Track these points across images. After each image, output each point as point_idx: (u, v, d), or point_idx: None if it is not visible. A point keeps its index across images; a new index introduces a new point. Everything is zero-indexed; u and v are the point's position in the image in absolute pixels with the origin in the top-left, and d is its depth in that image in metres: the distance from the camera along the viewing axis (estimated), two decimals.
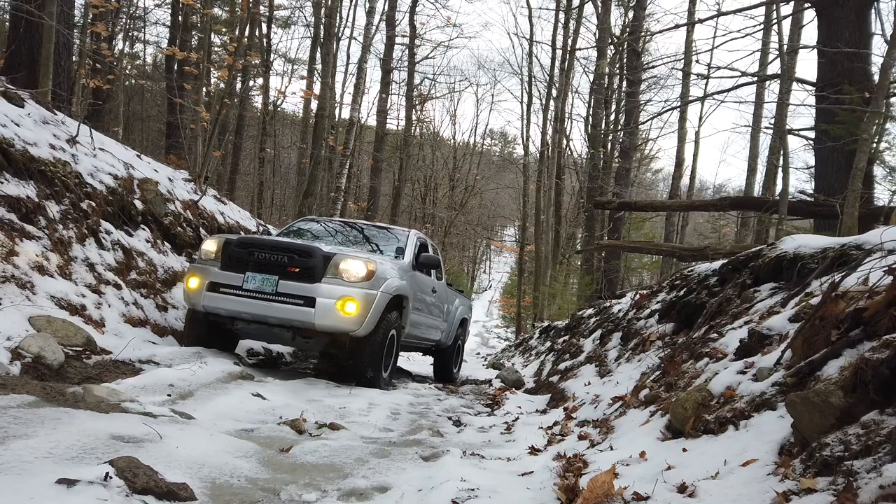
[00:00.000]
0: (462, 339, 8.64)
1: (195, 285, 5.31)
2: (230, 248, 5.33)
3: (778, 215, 8.14)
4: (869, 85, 7.70)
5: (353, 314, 5.05)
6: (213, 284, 5.24)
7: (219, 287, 5.22)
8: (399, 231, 7.35)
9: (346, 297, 5.04)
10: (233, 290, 5.16)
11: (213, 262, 5.37)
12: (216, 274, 5.27)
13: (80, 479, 1.90)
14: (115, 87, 15.88)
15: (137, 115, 22.78)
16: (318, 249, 5.24)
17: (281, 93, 21.15)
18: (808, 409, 1.88)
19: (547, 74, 21.97)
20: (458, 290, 8.83)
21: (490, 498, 2.31)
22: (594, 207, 17.19)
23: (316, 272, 5.10)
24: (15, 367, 3.62)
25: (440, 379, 8.08)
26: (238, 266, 5.22)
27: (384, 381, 5.65)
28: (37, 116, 6.15)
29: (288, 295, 5.06)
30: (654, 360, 4.24)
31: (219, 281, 5.23)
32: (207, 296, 5.23)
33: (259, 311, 5.11)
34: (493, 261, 53.56)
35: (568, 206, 26.29)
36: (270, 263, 5.16)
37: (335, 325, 5.09)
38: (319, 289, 5.07)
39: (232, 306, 5.18)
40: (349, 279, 5.14)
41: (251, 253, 5.23)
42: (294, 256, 5.16)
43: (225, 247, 5.35)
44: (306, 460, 2.79)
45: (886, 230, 3.08)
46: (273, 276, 5.10)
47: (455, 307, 8.20)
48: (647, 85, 20.01)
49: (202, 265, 5.44)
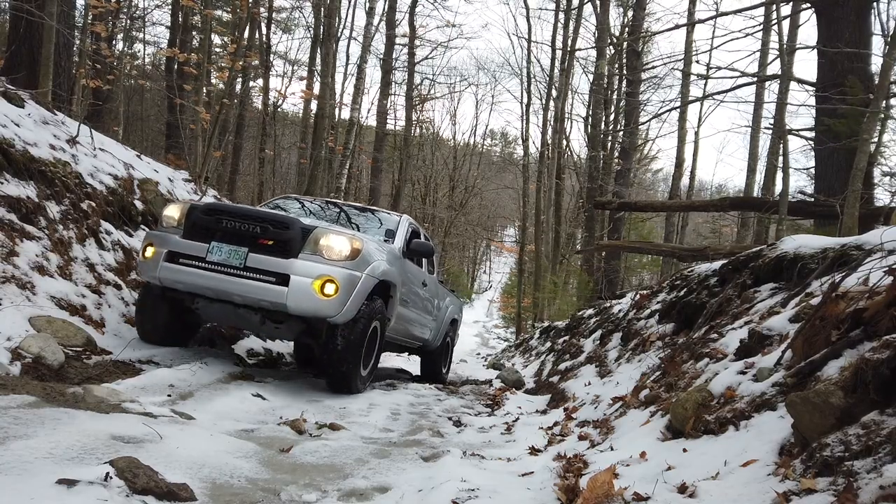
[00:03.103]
0: (452, 338, 8.17)
1: (151, 254, 4.66)
2: (195, 214, 4.66)
3: (778, 215, 8.15)
4: (869, 85, 7.71)
5: (331, 297, 4.40)
6: (171, 254, 4.59)
7: (178, 257, 4.57)
8: (389, 215, 6.66)
9: (325, 277, 4.40)
10: (194, 262, 4.51)
11: (175, 229, 4.73)
12: (176, 243, 4.62)
13: (81, 480, 1.90)
14: (115, 88, 15.87)
15: (137, 115, 22.78)
16: (297, 221, 4.63)
17: (281, 94, 21.15)
18: (809, 410, 1.88)
19: (546, 75, 21.98)
20: (450, 290, 8.38)
21: (490, 498, 2.31)
22: (594, 208, 17.19)
23: (292, 246, 4.46)
24: (15, 368, 3.62)
25: (427, 379, 7.58)
26: (203, 235, 4.57)
27: (361, 379, 4.97)
28: (37, 116, 6.15)
29: (258, 270, 4.42)
30: (655, 361, 4.24)
31: (179, 250, 4.58)
32: (164, 267, 4.56)
33: (223, 286, 4.44)
34: (493, 261, 53.57)
35: (568, 206, 26.29)
36: (240, 234, 4.53)
37: (310, 308, 4.43)
38: (295, 265, 4.41)
39: (192, 279, 4.51)
40: (330, 257, 4.50)
41: (219, 221, 4.57)
42: (268, 227, 4.51)
43: (189, 213, 4.68)
44: (306, 460, 2.79)
45: (886, 230, 3.09)
46: (242, 247, 4.45)
47: (446, 305, 7.69)
48: (646, 85, 20.03)
49: (162, 232, 4.80)
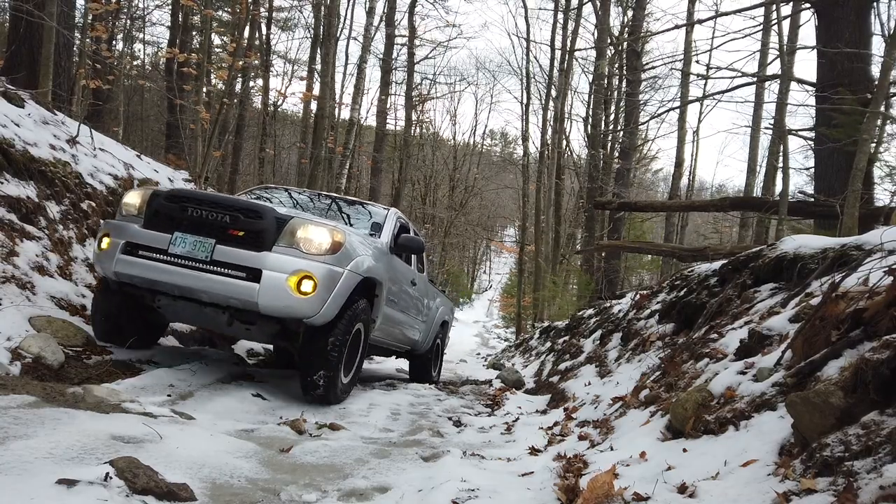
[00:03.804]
0: (442, 341, 7.85)
1: (107, 245, 4.22)
2: (157, 201, 4.21)
3: (778, 216, 8.15)
4: (869, 85, 7.71)
5: (309, 295, 3.98)
6: (129, 246, 4.14)
7: (137, 249, 4.13)
8: (376, 207, 6.19)
9: (302, 273, 3.98)
10: (155, 255, 4.07)
11: (135, 218, 4.27)
12: (135, 233, 4.17)
13: (81, 480, 1.90)
14: (115, 88, 15.88)
15: (137, 115, 22.79)
16: (271, 210, 4.18)
17: (281, 94, 21.16)
18: (809, 410, 1.88)
19: (546, 75, 21.99)
20: (440, 290, 7.95)
21: (490, 498, 2.31)
22: (594, 208, 17.19)
23: (265, 238, 4.03)
24: (15, 368, 3.62)
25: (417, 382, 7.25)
26: (166, 225, 4.13)
27: (341, 388, 4.48)
28: (37, 117, 6.15)
29: (226, 264, 3.99)
30: (655, 361, 4.24)
31: (138, 241, 4.14)
32: (122, 260, 4.11)
33: (186, 282, 4.00)
34: (493, 261, 53.58)
35: (568, 206, 26.30)
36: (207, 223, 4.08)
37: (285, 307, 4.00)
38: (268, 259, 3.97)
39: (152, 275, 4.06)
40: (308, 250, 4.07)
41: (184, 209, 4.12)
42: (238, 216, 4.07)
43: (151, 200, 4.25)
44: (306, 461, 2.79)
45: (886, 230, 3.09)
46: (209, 238, 4.02)
47: (437, 306, 7.29)
48: (646, 85, 20.03)
49: (120, 221, 4.33)
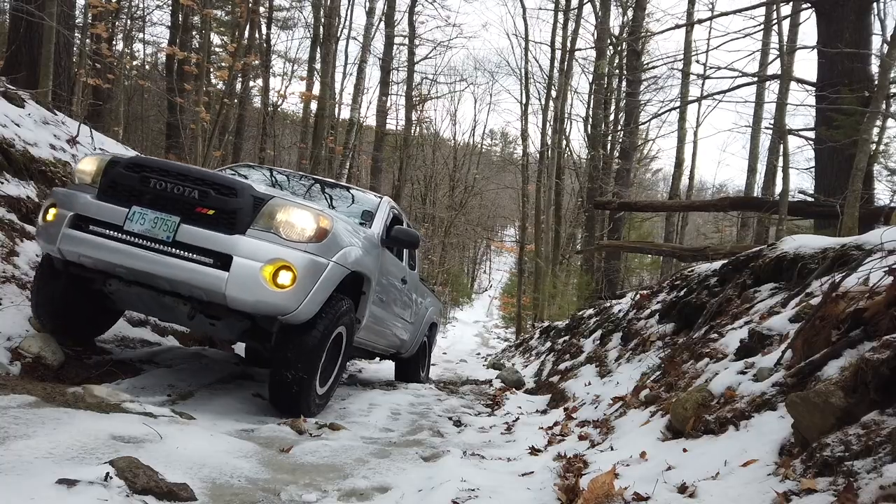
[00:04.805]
0: (430, 342, 7.49)
1: (52, 217, 3.62)
2: (116, 170, 3.63)
3: (778, 215, 8.15)
4: (869, 85, 7.71)
5: (286, 288, 3.45)
6: (78, 219, 3.55)
7: (87, 224, 3.54)
8: (368, 194, 5.64)
9: (280, 262, 3.45)
10: (107, 231, 3.50)
11: (89, 187, 3.68)
12: (86, 204, 3.57)
13: (81, 480, 1.90)
14: (115, 88, 15.88)
15: (137, 115, 22.79)
16: (248, 187, 3.64)
17: (281, 94, 21.16)
18: (809, 410, 1.88)
19: (546, 75, 22.01)
20: (430, 289, 7.50)
21: (490, 498, 2.31)
22: (594, 208, 17.20)
23: (239, 218, 3.49)
24: (15, 368, 3.62)
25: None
26: (123, 197, 3.55)
27: (316, 399, 3.94)
28: (37, 116, 6.15)
29: (191, 247, 3.43)
30: (655, 361, 4.24)
31: (88, 215, 3.55)
32: (68, 235, 3.53)
33: (143, 265, 3.43)
34: (493, 261, 53.58)
35: (568, 206, 26.31)
36: (172, 198, 3.52)
37: (257, 301, 3.45)
38: (240, 244, 3.42)
39: (102, 254, 3.49)
40: (289, 236, 3.54)
41: (145, 180, 3.55)
42: (209, 192, 3.51)
43: (108, 168, 3.67)
44: (306, 460, 2.79)
45: (886, 230, 3.08)
46: (173, 216, 3.46)
47: (426, 306, 6.84)
48: (646, 85, 20.03)
49: (70, 191, 3.76)
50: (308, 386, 3.76)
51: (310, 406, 3.86)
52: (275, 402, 3.85)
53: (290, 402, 3.78)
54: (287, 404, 3.79)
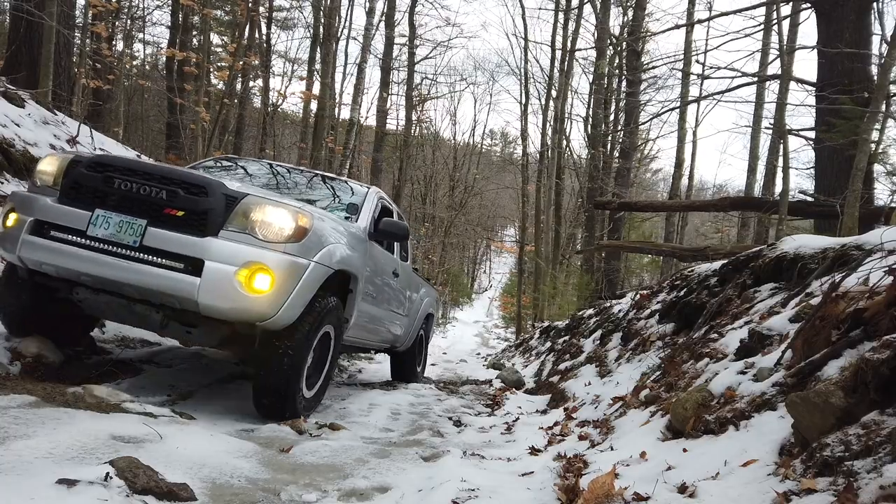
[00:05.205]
0: (426, 335, 7.25)
1: (13, 223, 3.46)
2: (78, 170, 3.45)
3: (778, 215, 8.15)
4: (869, 85, 7.71)
5: (264, 293, 3.27)
6: (39, 224, 3.38)
7: (48, 229, 3.37)
8: (354, 185, 5.38)
9: (256, 265, 3.26)
10: (70, 237, 3.31)
11: (51, 189, 3.51)
12: (47, 208, 3.39)
13: (81, 480, 1.90)
14: (115, 88, 15.88)
15: (137, 115, 22.80)
16: (219, 184, 3.41)
17: (281, 94, 21.18)
18: (809, 410, 1.88)
19: (546, 75, 22.03)
20: (425, 278, 7.26)
21: (490, 498, 2.31)
22: (594, 208, 17.20)
23: (211, 219, 3.30)
24: (15, 367, 3.62)
25: (400, 381, 6.76)
26: (86, 199, 3.37)
27: (302, 404, 3.75)
28: (37, 116, 6.16)
29: (159, 252, 3.24)
30: (655, 361, 4.24)
31: (49, 219, 3.37)
32: (28, 242, 3.36)
33: (108, 273, 3.25)
34: (493, 261, 53.60)
35: (568, 206, 26.32)
36: (138, 199, 3.33)
37: (233, 308, 3.26)
38: (212, 246, 3.24)
39: (64, 262, 3.30)
40: (266, 236, 3.35)
41: (110, 180, 3.36)
42: (177, 191, 3.32)
43: (70, 168, 3.49)
44: (306, 460, 2.79)
45: (886, 230, 3.08)
46: (139, 219, 3.27)
47: (420, 297, 6.58)
48: (646, 85, 20.04)
49: (30, 194, 3.58)
50: (293, 390, 3.60)
51: (296, 411, 3.68)
52: (258, 407, 3.65)
53: (274, 408, 3.61)
54: (271, 410, 3.61)
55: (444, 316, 30.26)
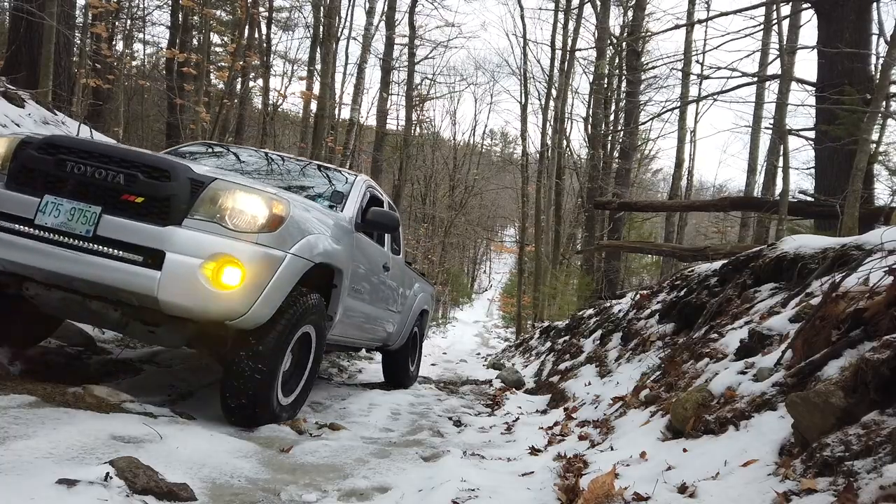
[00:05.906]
0: (420, 332, 6.88)
1: None
2: (27, 152, 3.11)
3: (778, 215, 8.15)
4: (869, 85, 7.71)
5: (233, 289, 2.94)
6: None
7: None
8: (340, 173, 5.02)
9: (224, 258, 2.94)
10: (15, 225, 2.99)
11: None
12: None
13: (81, 480, 1.90)
14: (115, 88, 15.89)
15: (137, 115, 22.79)
16: (184, 168, 3.09)
17: (281, 94, 21.17)
18: (809, 410, 1.88)
19: (546, 75, 22.02)
20: (420, 273, 6.84)
21: (490, 498, 2.31)
22: (594, 208, 17.19)
23: (173, 206, 2.97)
24: (15, 368, 3.62)
25: (391, 382, 6.32)
26: (35, 184, 3.05)
27: (277, 409, 3.38)
28: (37, 116, 6.16)
29: (115, 242, 2.92)
30: (655, 361, 4.24)
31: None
32: None
33: (58, 265, 2.93)
34: (493, 261, 53.61)
35: (568, 206, 26.32)
36: (93, 184, 3.00)
37: (197, 305, 2.94)
38: (175, 237, 2.92)
39: (10, 254, 2.98)
40: (236, 225, 3.02)
41: (61, 163, 3.04)
42: (136, 175, 2.99)
43: (18, 150, 3.15)
44: (306, 460, 2.79)
45: (887, 230, 3.09)
46: (93, 206, 2.95)
47: (414, 293, 6.24)
48: (646, 85, 20.03)
49: None
50: (265, 397, 3.24)
51: (270, 419, 3.34)
52: (227, 413, 3.27)
53: (244, 415, 3.26)
54: (241, 417, 3.26)
55: (444, 316, 30.27)
